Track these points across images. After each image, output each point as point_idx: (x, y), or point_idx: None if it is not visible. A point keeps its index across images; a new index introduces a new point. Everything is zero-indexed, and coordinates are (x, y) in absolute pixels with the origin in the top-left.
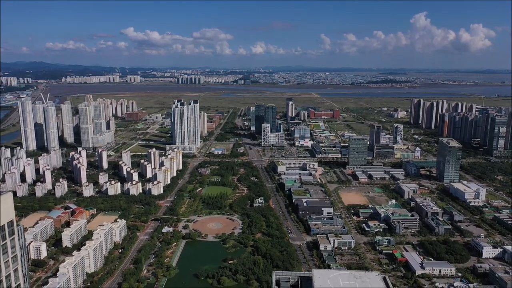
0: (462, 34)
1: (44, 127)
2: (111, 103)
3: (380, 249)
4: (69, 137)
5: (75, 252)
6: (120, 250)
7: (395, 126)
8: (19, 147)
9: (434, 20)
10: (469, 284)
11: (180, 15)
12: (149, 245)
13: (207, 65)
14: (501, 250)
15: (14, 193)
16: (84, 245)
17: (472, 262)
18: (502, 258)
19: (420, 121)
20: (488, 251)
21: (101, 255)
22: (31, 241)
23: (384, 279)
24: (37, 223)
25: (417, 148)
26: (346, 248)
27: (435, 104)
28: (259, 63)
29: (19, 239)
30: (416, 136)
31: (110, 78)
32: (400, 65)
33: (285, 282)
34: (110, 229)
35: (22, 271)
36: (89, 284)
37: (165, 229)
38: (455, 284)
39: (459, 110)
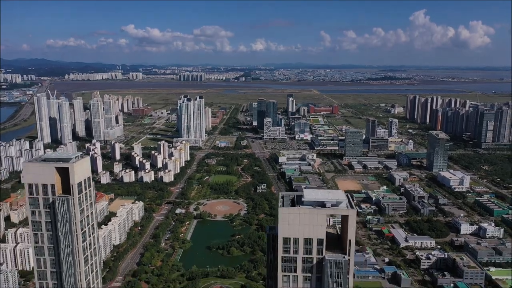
0: (461, 31)
1: (58, 121)
2: (118, 99)
3: (370, 227)
4: (81, 131)
5: (103, 226)
6: (139, 228)
7: (390, 120)
8: (37, 140)
9: (434, 17)
10: (445, 253)
11: (180, 13)
12: (165, 223)
13: (207, 62)
14: (477, 227)
15: None
16: (109, 221)
17: (451, 237)
18: (477, 234)
19: (415, 116)
20: (466, 228)
21: (124, 231)
22: None
23: (347, 196)
24: None
25: (410, 141)
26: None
27: (429, 100)
28: (259, 60)
29: (91, 190)
30: (410, 130)
31: (112, 75)
32: (401, 62)
33: (287, 198)
34: (131, 209)
35: (94, 215)
36: (115, 253)
37: (178, 211)
38: (433, 252)
39: (453, 106)
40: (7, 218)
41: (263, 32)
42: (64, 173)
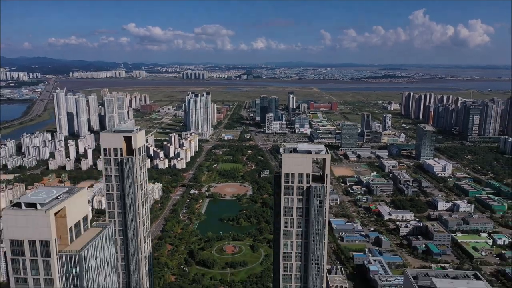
0: (460, 30)
1: (75, 115)
2: (126, 96)
3: (360, 204)
4: (95, 125)
5: None
6: (159, 205)
7: (384, 115)
8: (58, 132)
9: (433, 16)
10: (420, 223)
11: (181, 12)
12: (181, 201)
13: (208, 61)
14: (452, 204)
15: (63, 167)
16: None
17: (429, 212)
18: (452, 209)
19: (410, 112)
20: (442, 205)
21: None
22: (94, 196)
23: (326, 148)
24: (91, 186)
25: (402, 134)
26: (334, 203)
27: (423, 97)
28: (260, 59)
29: (145, 155)
30: (404, 125)
31: (116, 73)
32: (401, 61)
33: (288, 149)
34: (152, 188)
35: (146, 173)
36: None
37: (192, 191)
38: (411, 222)
39: (445, 102)
40: None
41: (263, 31)
42: (128, 141)
